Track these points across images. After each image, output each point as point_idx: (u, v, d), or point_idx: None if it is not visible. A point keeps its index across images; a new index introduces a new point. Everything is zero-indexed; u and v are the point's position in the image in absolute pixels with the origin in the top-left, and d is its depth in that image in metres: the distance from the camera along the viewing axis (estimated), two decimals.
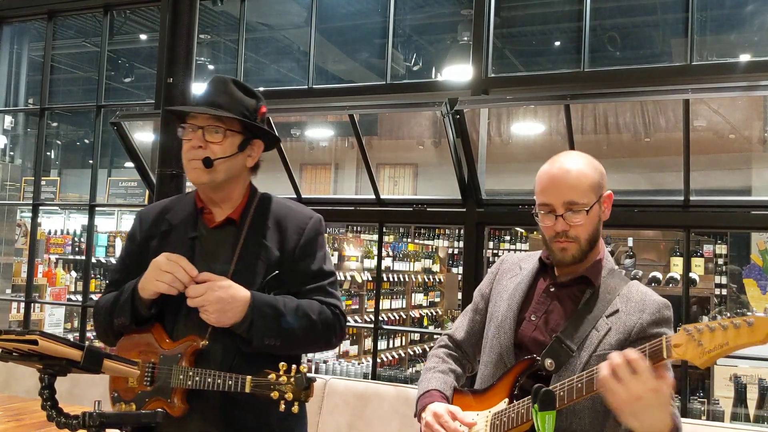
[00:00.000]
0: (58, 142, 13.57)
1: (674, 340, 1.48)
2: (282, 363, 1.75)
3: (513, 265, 2.04)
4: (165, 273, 1.86)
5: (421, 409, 1.92)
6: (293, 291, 1.99)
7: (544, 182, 1.85)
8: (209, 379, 1.82)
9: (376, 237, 6.55)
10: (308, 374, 1.74)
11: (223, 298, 1.83)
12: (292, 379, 1.72)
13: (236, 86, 1.99)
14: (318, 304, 1.98)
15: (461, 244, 7.30)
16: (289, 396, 1.72)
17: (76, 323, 7.62)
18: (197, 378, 1.83)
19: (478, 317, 2.07)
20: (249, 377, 1.77)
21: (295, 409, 1.74)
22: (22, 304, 6.44)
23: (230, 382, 1.79)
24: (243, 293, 1.87)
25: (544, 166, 1.89)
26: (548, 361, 1.77)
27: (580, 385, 1.62)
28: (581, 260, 1.85)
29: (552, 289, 1.89)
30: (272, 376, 1.74)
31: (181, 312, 1.94)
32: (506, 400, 1.81)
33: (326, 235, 2.26)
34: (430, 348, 2.18)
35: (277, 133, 2.10)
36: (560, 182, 1.81)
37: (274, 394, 1.72)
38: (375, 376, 4.49)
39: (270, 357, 1.88)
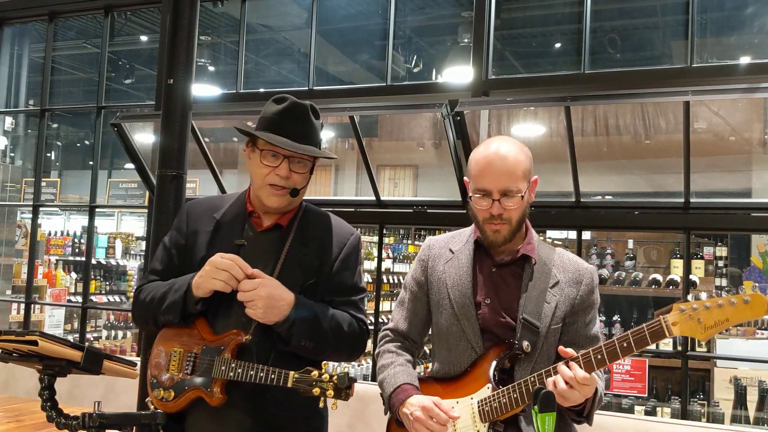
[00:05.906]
0: (59, 143, 13.57)
1: (671, 319, 1.63)
2: (324, 362, 1.81)
3: (442, 249, 2.10)
4: (221, 271, 1.90)
5: (398, 404, 1.94)
6: (327, 300, 2.05)
7: (482, 168, 1.94)
8: (251, 372, 1.86)
9: (376, 238, 6.54)
10: (350, 374, 1.79)
11: (273, 294, 1.89)
12: (334, 378, 1.77)
13: (312, 113, 2.03)
14: (349, 317, 2.04)
15: None
16: (330, 393, 1.77)
17: (76, 324, 7.62)
18: (239, 370, 1.88)
19: (419, 305, 2.12)
20: (292, 372, 1.81)
21: (335, 406, 1.79)
22: (22, 305, 6.44)
23: (273, 376, 1.83)
24: (289, 294, 1.93)
25: (479, 150, 1.99)
26: (525, 343, 1.90)
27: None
28: (511, 240, 1.97)
29: (494, 270, 2.00)
30: (315, 373, 1.78)
31: (224, 308, 1.99)
32: (489, 386, 1.87)
33: None
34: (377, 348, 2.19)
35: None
36: (498, 169, 1.91)
37: (315, 391, 1.77)
38: (375, 378, 4.48)
39: (300, 359, 1.92)
